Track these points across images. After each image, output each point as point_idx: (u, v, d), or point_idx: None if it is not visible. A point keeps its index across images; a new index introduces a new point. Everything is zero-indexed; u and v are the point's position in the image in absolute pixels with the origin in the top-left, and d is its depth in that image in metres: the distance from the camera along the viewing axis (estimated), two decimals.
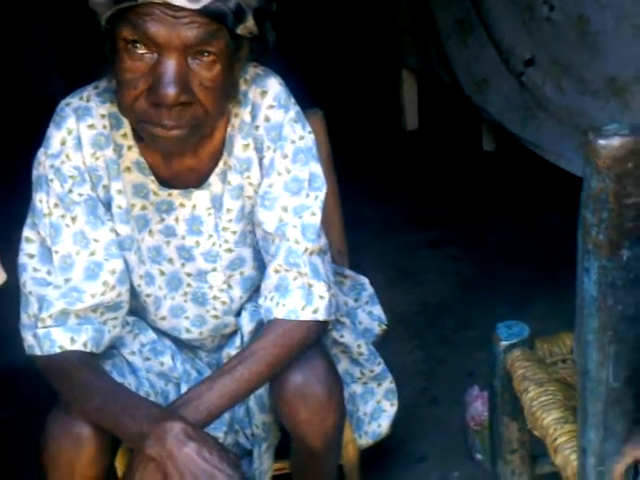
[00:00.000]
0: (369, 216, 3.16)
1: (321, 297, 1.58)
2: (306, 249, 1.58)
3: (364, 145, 3.65)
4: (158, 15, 1.38)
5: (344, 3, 4.25)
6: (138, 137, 1.57)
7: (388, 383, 1.88)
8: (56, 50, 4.01)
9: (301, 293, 1.57)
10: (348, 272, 1.91)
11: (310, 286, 1.57)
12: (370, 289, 1.91)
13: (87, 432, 1.50)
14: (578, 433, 1.33)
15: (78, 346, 1.54)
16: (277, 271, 1.58)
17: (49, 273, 1.56)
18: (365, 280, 1.92)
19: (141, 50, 1.41)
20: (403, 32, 3.69)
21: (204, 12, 1.38)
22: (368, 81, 4.10)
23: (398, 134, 3.81)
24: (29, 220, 1.58)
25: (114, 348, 1.68)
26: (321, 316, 1.58)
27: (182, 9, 1.38)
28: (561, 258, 2.74)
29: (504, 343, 1.59)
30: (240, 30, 1.44)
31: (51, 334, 1.54)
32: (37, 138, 1.61)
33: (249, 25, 1.45)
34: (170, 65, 1.40)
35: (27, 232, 1.58)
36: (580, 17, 2.61)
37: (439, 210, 3.24)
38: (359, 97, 4.01)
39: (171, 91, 1.40)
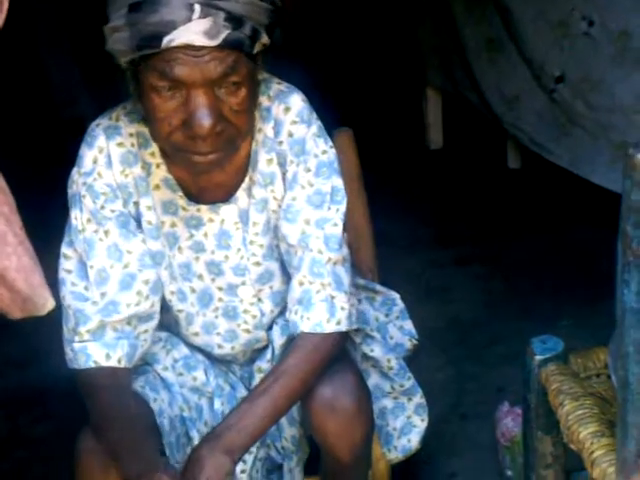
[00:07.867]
0: (395, 234, 3.15)
1: (342, 308, 1.60)
2: (329, 259, 1.59)
3: (388, 163, 3.64)
4: (182, 58, 1.41)
5: (369, 21, 4.26)
6: (165, 154, 1.59)
7: (419, 398, 1.88)
8: (80, 69, 4.04)
9: (324, 306, 1.58)
10: (379, 287, 1.91)
11: (332, 298, 1.59)
12: (401, 304, 1.91)
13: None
14: (616, 446, 1.32)
15: (113, 362, 1.56)
16: (301, 283, 1.60)
17: (86, 289, 1.57)
18: (396, 295, 1.92)
19: (170, 91, 1.44)
20: (427, 50, 3.69)
21: (224, 45, 1.41)
22: (392, 99, 4.09)
23: (422, 153, 3.81)
24: (66, 238, 1.60)
25: (147, 364, 1.69)
26: (343, 327, 1.60)
27: (203, 47, 1.40)
28: (589, 273, 2.77)
29: (538, 357, 1.58)
30: (256, 49, 1.47)
31: (87, 348, 1.56)
32: (69, 160, 1.63)
33: (263, 41, 1.48)
34: (200, 100, 1.44)
35: (65, 249, 1.60)
36: (623, 32, 2.65)
37: (465, 228, 3.23)
38: (383, 115, 4.01)
39: (206, 123, 1.44)
